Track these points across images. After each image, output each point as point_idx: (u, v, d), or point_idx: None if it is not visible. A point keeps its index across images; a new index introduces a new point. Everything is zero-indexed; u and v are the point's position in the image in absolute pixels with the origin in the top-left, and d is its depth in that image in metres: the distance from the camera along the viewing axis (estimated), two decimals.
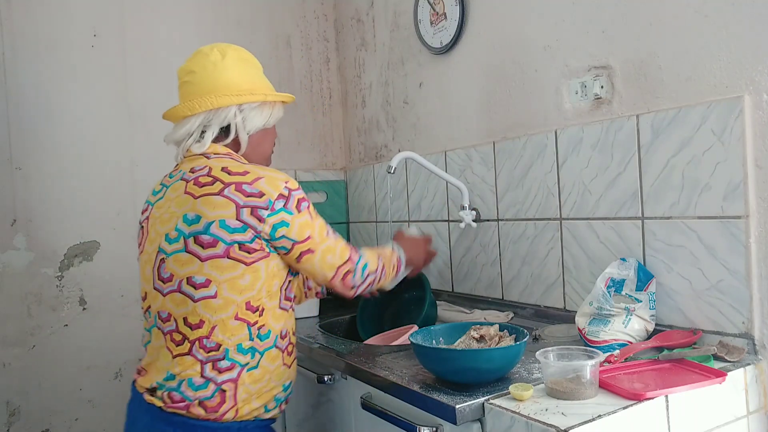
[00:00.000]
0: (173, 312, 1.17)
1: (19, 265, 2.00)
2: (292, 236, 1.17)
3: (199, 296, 1.14)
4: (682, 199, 1.29)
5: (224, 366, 1.16)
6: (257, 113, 1.29)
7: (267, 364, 1.21)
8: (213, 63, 1.26)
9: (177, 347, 1.17)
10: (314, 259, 1.22)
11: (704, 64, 1.25)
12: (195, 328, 1.15)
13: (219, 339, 1.15)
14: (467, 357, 1.12)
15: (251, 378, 1.19)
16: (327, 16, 2.65)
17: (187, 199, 1.18)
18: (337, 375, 1.46)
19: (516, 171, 1.72)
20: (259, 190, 1.15)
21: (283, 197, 1.16)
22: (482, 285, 1.87)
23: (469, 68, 1.90)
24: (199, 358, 1.15)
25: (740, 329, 1.20)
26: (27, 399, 2.00)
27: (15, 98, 2.00)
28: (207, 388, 1.15)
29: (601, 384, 1.05)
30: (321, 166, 2.63)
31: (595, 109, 1.49)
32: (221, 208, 1.14)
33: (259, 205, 1.14)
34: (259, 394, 1.21)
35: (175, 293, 1.16)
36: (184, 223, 1.16)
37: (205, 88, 1.24)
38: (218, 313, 1.15)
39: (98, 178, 2.12)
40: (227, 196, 1.14)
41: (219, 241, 1.13)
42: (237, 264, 1.14)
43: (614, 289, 1.32)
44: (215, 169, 1.19)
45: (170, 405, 1.16)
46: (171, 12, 2.27)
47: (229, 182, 1.16)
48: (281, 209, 1.15)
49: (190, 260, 1.15)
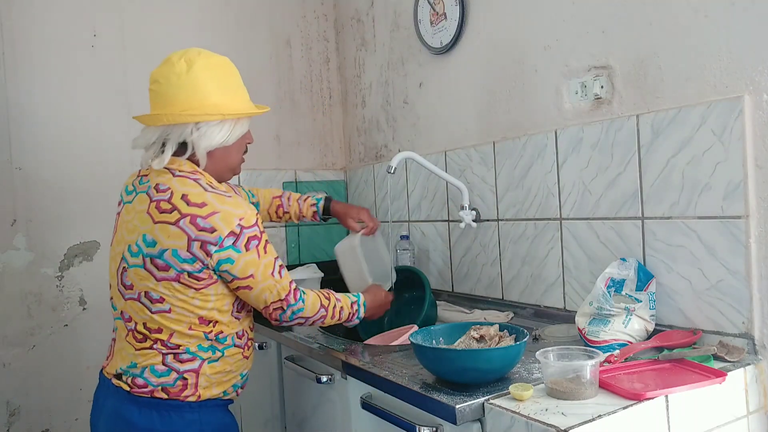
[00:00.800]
0: (134, 316, 1.26)
1: (19, 265, 2.00)
2: (234, 273, 1.23)
3: (156, 309, 1.23)
4: (682, 199, 1.29)
5: (186, 358, 1.25)
6: (215, 130, 1.26)
7: (228, 358, 1.30)
8: (177, 75, 1.24)
9: (138, 343, 1.25)
10: (250, 294, 1.28)
11: (704, 64, 1.25)
12: (154, 332, 1.24)
13: (178, 342, 1.24)
14: (467, 357, 1.12)
15: (212, 369, 1.28)
16: (327, 16, 2.65)
17: (147, 220, 1.22)
18: (337, 375, 1.46)
19: (516, 171, 1.72)
20: (211, 225, 1.18)
21: (233, 235, 1.20)
22: (482, 285, 1.87)
23: (469, 68, 1.90)
24: (160, 351, 1.24)
25: (740, 329, 1.20)
26: (27, 399, 2.00)
27: (15, 98, 2.00)
28: (169, 375, 1.24)
29: (601, 384, 1.05)
30: (321, 166, 2.63)
31: (595, 109, 1.49)
32: (175, 238, 1.19)
33: (209, 240, 1.18)
34: (219, 383, 1.30)
35: (135, 301, 1.25)
36: (143, 242, 1.22)
37: (165, 101, 1.25)
38: (173, 324, 1.24)
39: (98, 179, 2.12)
40: (181, 227, 1.19)
41: (171, 267, 1.20)
42: (187, 288, 1.22)
43: (614, 289, 1.32)
44: (176, 195, 1.21)
45: (135, 390, 1.24)
46: (171, 12, 2.27)
47: (185, 213, 1.19)
48: (229, 246, 1.20)
49: (147, 277, 1.22)
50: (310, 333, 1.70)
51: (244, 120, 1.33)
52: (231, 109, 1.27)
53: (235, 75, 1.33)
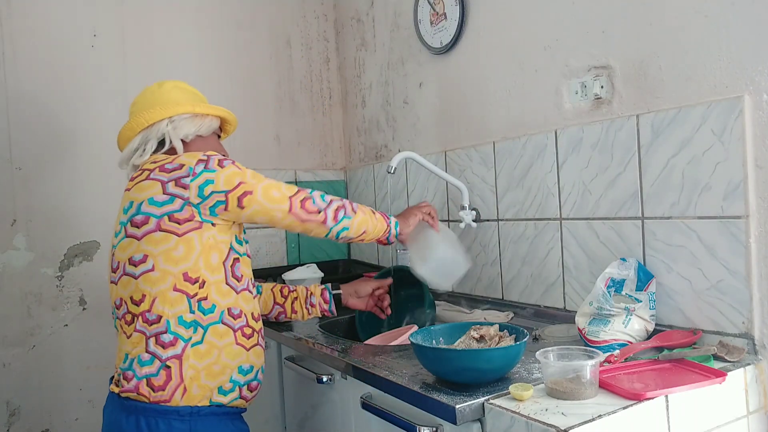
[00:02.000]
0: (123, 295, 1.25)
1: (19, 265, 2.00)
2: (221, 188, 1.22)
3: (139, 272, 1.22)
4: (682, 199, 1.29)
5: (167, 340, 1.19)
6: (188, 122, 1.39)
7: (213, 340, 1.23)
8: (151, 92, 1.42)
9: (128, 327, 1.24)
10: (257, 198, 1.25)
11: (704, 64, 1.25)
12: (139, 303, 1.22)
13: (159, 311, 1.20)
14: (467, 357, 1.12)
15: (196, 354, 1.21)
16: (327, 16, 2.65)
17: (126, 196, 1.29)
18: (337, 375, 1.46)
19: (516, 171, 1.72)
20: (179, 163, 1.24)
21: (202, 161, 1.24)
22: (482, 285, 1.87)
23: (468, 68, 1.90)
24: (143, 332, 1.21)
25: (740, 329, 1.20)
26: (27, 399, 2.00)
27: (15, 98, 2.00)
28: (152, 364, 1.19)
29: (601, 384, 1.05)
30: (321, 166, 2.63)
31: (595, 109, 1.49)
32: (148, 189, 1.23)
33: (181, 175, 1.22)
34: (208, 372, 1.22)
35: (123, 277, 1.25)
36: (123, 214, 1.27)
37: (141, 109, 1.38)
38: (157, 284, 1.21)
39: (98, 178, 2.12)
40: (153, 178, 1.24)
41: (150, 217, 1.22)
42: (169, 236, 1.21)
43: (614, 289, 1.32)
44: (147, 164, 1.31)
45: (124, 388, 1.20)
46: (171, 12, 2.27)
47: (153, 167, 1.26)
48: (202, 171, 1.22)
49: (130, 243, 1.24)
50: (310, 333, 1.70)
51: (213, 119, 1.45)
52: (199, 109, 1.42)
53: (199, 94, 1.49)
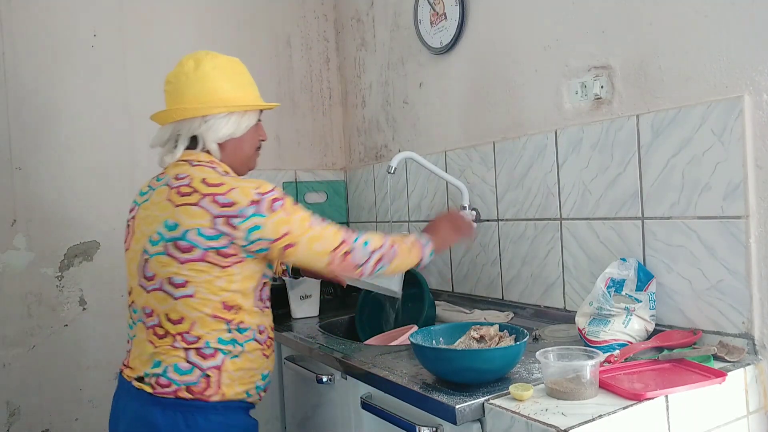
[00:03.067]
0: (156, 308, 1.24)
1: (19, 265, 2.00)
2: (267, 236, 1.22)
3: (179, 295, 1.21)
4: (682, 199, 1.29)
5: (208, 353, 1.23)
6: (222, 123, 1.32)
7: (248, 354, 1.28)
8: (185, 74, 1.32)
9: (159, 340, 1.24)
10: (299, 252, 1.25)
11: (704, 64, 1.25)
12: (176, 323, 1.22)
13: (199, 333, 1.22)
14: (467, 357, 1.13)
15: (234, 365, 1.25)
16: (327, 16, 2.65)
17: (168, 206, 1.24)
18: (337, 375, 1.46)
19: (516, 171, 1.72)
20: (231, 200, 1.20)
21: (254, 203, 1.21)
22: (482, 285, 1.87)
23: (468, 68, 1.90)
24: (181, 347, 1.22)
25: (740, 329, 1.20)
26: (27, 399, 2.00)
27: (15, 98, 2.00)
28: (192, 373, 1.21)
29: (601, 384, 1.05)
30: (321, 166, 2.63)
31: (595, 109, 1.49)
32: (198, 218, 1.20)
33: (231, 214, 1.20)
34: (241, 381, 1.27)
35: (158, 291, 1.23)
36: (165, 228, 1.22)
37: (176, 99, 1.32)
38: (197, 310, 1.22)
39: (98, 178, 2.12)
40: (203, 206, 1.20)
41: (195, 247, 1.20)
42: (213, 267, 1.21)
43: (614, 289, 1.32)
44: (195, 180, 1.24)
45: (158, 390, 1.21)
46: (171, 12, 2.27)
47: (205, 193, 1.21)
48: (253, 215, 1.20)
49: (170, 262, 1.21)
50: (310, 333, 1.70)
51: (251, 114, 1.37)
52: (237, 102, 1.33)
53: (242, 73, 1.39)
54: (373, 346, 1.55)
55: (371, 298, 1.89)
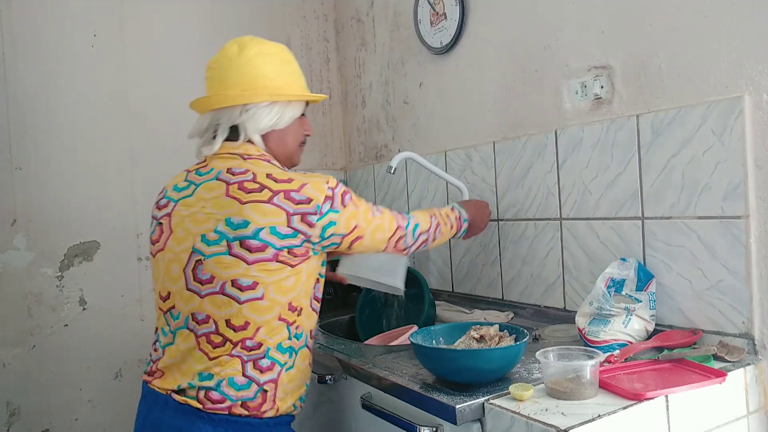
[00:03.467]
0: (213, 314, 1.15)
1: (19, 265, 2.00)
2: (341, 231, 1.21)
3: (245, 298, 1.14)
4: (682, 199, 1.29)
5: (265, 365, 1.17)
6: (264, 112, 1.24)
7: (300, 363, 1.24)
8: (228, 59, 1.24)
9: (215, 349, 1.15)
10: (364, 243, 1.27)
11: (704, 64, 1.25)
12: (239, 329, 1.14)
13: (261, 339, 1.16)
14: (467, 357, 1.12)
15: (288, 377, 1.21)
16: (327, 16, 2.65)
17: (230, 203, 1.15)
18: (337, 375, 1.46)
19: (516, 171, 1.72)
20: (306, 196, 1.16)
21: (329, 199, 1.18)
22: (482, 285, 1.87)
23: (468, 68, 1.90)
24: (240, 357, 1.15)
25: (740, 329, 1.20)
26: (27, 399, 2.00)
27: (15, 98, 2.00)
28: (249, 388, 1.15)
29: (601, 384, 1.05)
30: (321, 166, 2.63)
31: (595, 109, 1.49)
32: (272, 216, 1.13)
33: (308, 211, 1.15)
34: (292, 393, 1.24)
35: (217, 295, 1.14)
36: (227, 226, 1.14)
37: (217, 85, 1.24)
38: (264, 314, 1.15)
39: (98, 178, 2.12)
40: (277, 204, 1.14)
41: (269, 246, 1.13)
42: (284, 267, 1.16)
43: (614, 289, 1.32)
44: (260, 175, 1.17)
45: (209, 406, 1.13)
46: (171, 12, 2.27)
47: (277, 190, 1.15)
48: (329, 211, 1.17)
49: (235, 263, 1.13)
50: None
51: (296, 105, 1.30)
52: (281, 90, 1.26)
53: (289, 61, 1.31)
54: (373, 346, 1.55)
55: (371, 298, 1.89)
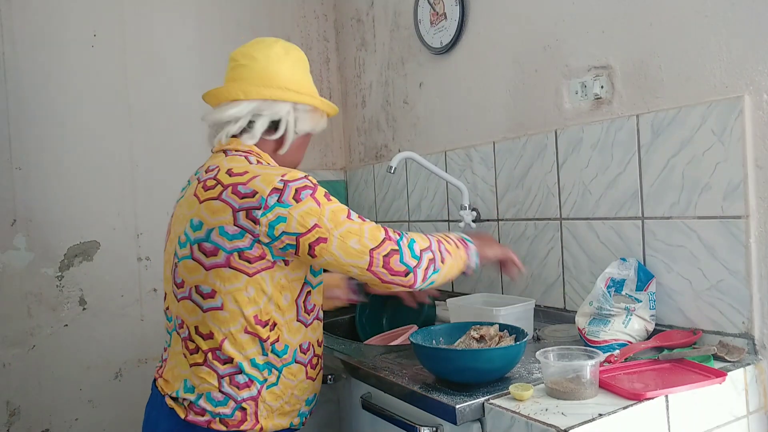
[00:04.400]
0: (186, 319, 1.13)
1: (19, 265, 2.00)
2: (293, 229, 1.05)
3: (207, 306, 1.10)
4: (682, 199, 1.29)
5: (242, 381, 1.10)
6: (309, 116, 1.24)
7: (288, 380, 1.15)
8: (277, 55, 1.21)
9: (192, 355, 1.13)
10: (330, 249, 1.07)
11: (704, 64, 1.25)
12: (206, 338, 1.11)
13: (230, 353, 1.10)
14: (467, 357, 1.12)
15: (272, 395, 1.13)
16: (327, 16, 2.65)
17: (194, 203, 1.13)
18: (337, 375, 1.46)
19: (516, 171, 1.72)
20: (252, 189, 1.06)
21: (277, 191, 1.06)
22: (482, 285, 1.87)
23: (468, 68, 1.90)
24: (215, 370, 1.10)
25: (740, 329, 1.20)
26: (27, 399, 2.00)
27: (15, 98, 2.00)
28: (227, 405, 1.10)
29: (601, 384, 1.05)
30: (321, 166, 2.63)
31: (595, 109, 1.49)
32: (220, 214, 1.08)
33: (252, 206, 1.05)
34: (281, 412, 1.15)
35: (187, 300, 1.13)
36: (190, 228, 1.12)
37: (264, 76, 1.19)
38: (227, 325, 1.09)
39: (98, 178, 2.12)
40: (224, 200, 1.08)
41: (219, 250, 1.07)
42: (239, 275, 1.07)
43: (614, 289, 1.32)
44: (221, 171, 1.12)
45: (190, 417, 1.11)
46: (171, 12, 2.27)
47: (227, 184, 1.09)
48: (275, 205, 1.05)
49: (196, 268, 1.10)
50: None
51: (324, 115, 1.30)
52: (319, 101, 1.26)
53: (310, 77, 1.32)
54: (373, 346, 1.55)
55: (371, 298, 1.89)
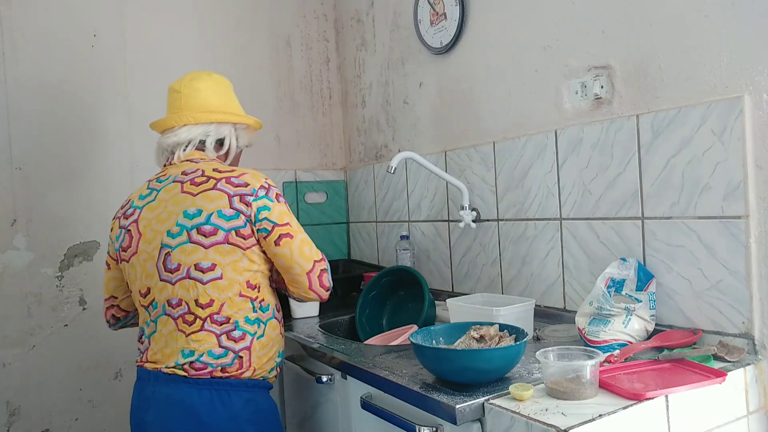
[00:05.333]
0: (184, 297, 1.30)
1: (19, 265, 2.00)
2: (273, 218, 1.33)
3: (207, 278, 1.30)
4: (682, 199, 1.29)
5: (237, 335, 1.31)
6: (246, 134, 1.53)
7: (270, 332, 1.38)
8: (216, 82, 1.48)
9: (190, 327, 1.30)
10: (293, 244, 1.35)
11: (704, 64, 1.25)
12: (206, 307, 1.30)
13: (228, 313, 1.31)
14: (467, 357, 1.12)
15: (260, 344, 1.35)
16: (327, 16, 2.65)
17: (185, 198, 1.34)
18: (337, 375, 1.46)
19: (516, 171, 1.72)
20: (244, 181, 1.35)
21: (264, 188, 1.35)
22: (482, 285, 1.87)
23: (468, 68, 1.90)
24: (213, 331, 1.30)
25: (740, 329, 1.20)
26: (27, 399, 2.00)
27: (15, 98, 2.00)
28: (227, 356, 1.30)
29: (601, 384, 1.05)
30: (321, 166, 2.63)
31: (595, 109, 1.49)
32: (217, 200, 1.32)
33: (245, 192, 1.33)
34: (267, 358, 1.37)
35: (185, 280, 1.30)
36: (185, 218, 1.32)
37: (208, 104, 1.45)
38: (225, 292, 1.30)
39: (98, 178, 2.12)
40: (220, 188, 1.33)
41: (219, 230, 1.30)
42: (236, 249, 1.31)
43: (614, 289, 1.32)
44: (207, 170, 1.37)
45: (193, 374, 1.28)
46: (171, 12, 2.27)
47: (219, 177, 1.35)
48: (264, 196, 1.34)
49: (195, 249, 1.30)
50: (310, 333, 1.70)
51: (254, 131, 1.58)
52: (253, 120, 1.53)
53: None
54: (373, 346, 1.55)
55: (371, 298, 1.89)
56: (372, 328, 1.85)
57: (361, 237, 2.57)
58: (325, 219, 2.60)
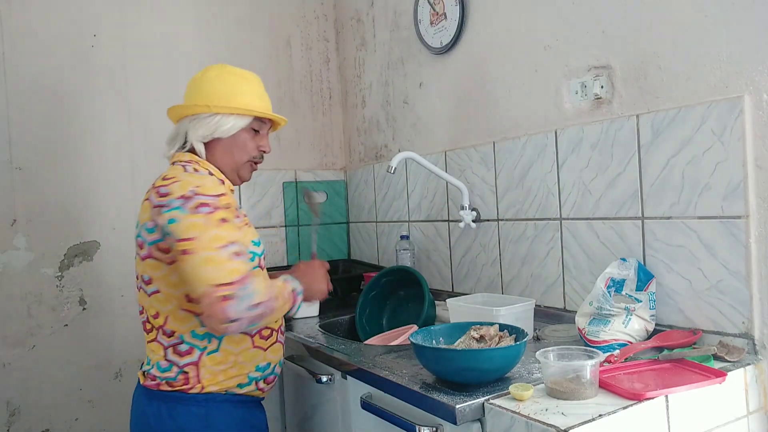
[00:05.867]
0: (143, 304, 1.31)
1: (19, 265, 2.00)
2: (176, 232, 1.16)
3: (150, 291, 1.27)
4: (682, 199, 1.29)
5: (183, 350, 1.26)
6: (205, 122, 1.33)
7: (229, 348, 1.28)
8: (194, 80, 1.38)
9: (147, 335, 1.31)
10: (188, 264, 1.13)
11: (704, 64, 1.25)
12: (155, 318, 1.28)
13: (173, 327, 1.26)
14: (467, 357, 1.12)
15: (213, 361, 1.27)
16: (327, 16, 2.65)
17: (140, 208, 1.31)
18: (337, 375, 1.46)
19: (516, 171, 1.72)
20: (168, 190, 1.21)
21: (183, 198, 1.18)
22: (482, 285, 1.87)
23: (468, 68, 1.90)
24: (162, 343, 1.27)
25: (740, 329, 1.20)
26: (27, 399, 2.00)
27: (15, 98, 2.00)
28: (171, 370, 1.27)
29: (601, 384, 1.05)
30: (321, 166, 2.63)
31: (595, 109, 1.49)
32: (145, 212, 1.25)
33: (162, 204, 1.20)
34: (225, 374, 1.28)
35: (141, 289, 1.31)
36: (136, 227, 1.29)
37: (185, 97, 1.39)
38: (165, 305, 1.26)
39: (98, 178, 2.12)
40: (149, 199, 1.24)
41: (144, 243, 1.25)
42: (161, 264, 1.23)
43: (614, 289, 1.32)
44: (160, 178, 1.27)
45: (147, 383, 1.29)
46: (171, 12, 2.27)
47: (155, 187, 1.25)
48: (175, 207, 1.17)
49: (138, 261, 1.29)
50: (310, 333, 1.70)
51: (240, 117, 1.35)
52: (223, 103, 1.33)
53: (249, 81, 1.39)
54: (373, 346, 1.55)
55: (371, 298, 1.89)
56: (372, 328, 1.85)
57: (361, 237, 2.57)
58: (325, 219, 2.60)
